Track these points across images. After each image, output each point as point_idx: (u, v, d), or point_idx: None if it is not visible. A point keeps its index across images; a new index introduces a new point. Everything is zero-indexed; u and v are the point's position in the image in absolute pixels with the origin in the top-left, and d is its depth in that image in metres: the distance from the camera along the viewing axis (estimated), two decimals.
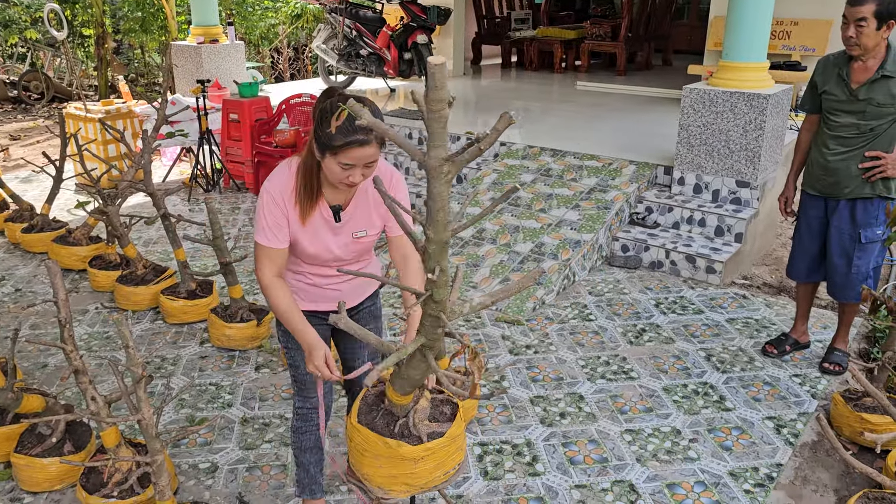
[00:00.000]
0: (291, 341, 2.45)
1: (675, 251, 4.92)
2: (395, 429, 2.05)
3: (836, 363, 3.72)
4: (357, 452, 2.08)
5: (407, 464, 2.02)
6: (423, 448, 2.02)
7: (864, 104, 3.33)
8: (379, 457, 2.03)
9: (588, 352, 3.98)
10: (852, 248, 3.52)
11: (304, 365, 2.45)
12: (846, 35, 3.26)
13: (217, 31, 8.45)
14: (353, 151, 2.04)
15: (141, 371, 2.33)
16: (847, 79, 3.37)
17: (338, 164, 2.08)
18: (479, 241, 5.07)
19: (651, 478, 3.00)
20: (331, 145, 2.05)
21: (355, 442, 2.08)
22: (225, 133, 6.87)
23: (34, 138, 9.45)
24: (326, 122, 2.03)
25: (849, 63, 3.38)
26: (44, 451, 2.92)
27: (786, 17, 7.04)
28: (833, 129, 3.46)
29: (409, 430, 2.06)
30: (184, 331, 4.24)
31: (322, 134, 2.06)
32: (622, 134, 6.44)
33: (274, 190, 2.20)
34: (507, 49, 10.91)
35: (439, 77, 1.30)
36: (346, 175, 2.10)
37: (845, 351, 3.77)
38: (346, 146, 2.04)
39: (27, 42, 12.14)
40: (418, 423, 2.06)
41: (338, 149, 2.04)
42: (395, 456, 2.01)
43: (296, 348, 2.44)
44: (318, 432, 2.56)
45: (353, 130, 2.02)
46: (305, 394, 2.52)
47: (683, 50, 11.34)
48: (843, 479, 3.01)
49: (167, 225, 4.18)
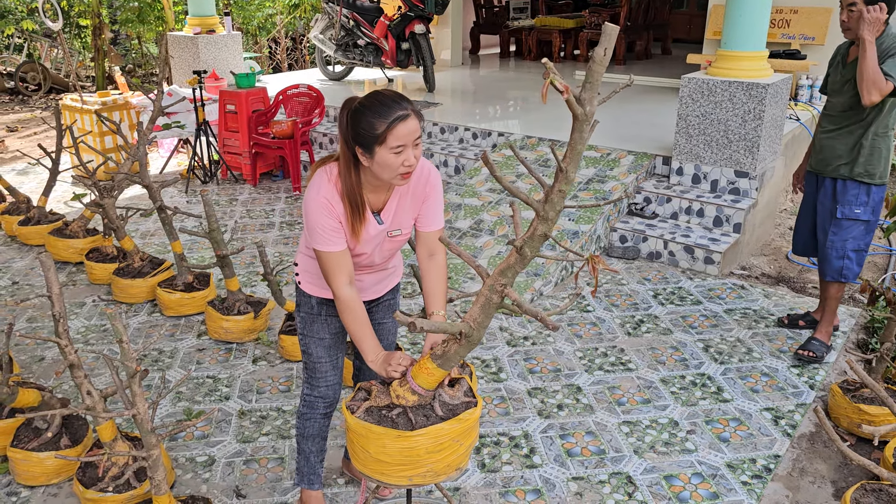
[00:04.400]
0: (308, 329, 2.47)
1: (674, 242, 4.90)
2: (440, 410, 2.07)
3: (811, 351, 3.76)
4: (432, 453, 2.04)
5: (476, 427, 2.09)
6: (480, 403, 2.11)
7: (849, 84, 3.51)
8: (458, 438, 2.04)
9: (586, 343, 3.98)
10: (829, 222, 3.71)
11: (316, 352, 2.49)
12: (841, 20, 3.47)
13: (214, 22, 8.40)
14: (399, 128, 2.03)
15: (135, 366, 2.32)
16: (843, 61, 3.60)
17: (390, 151, 2.05)
18: (477, 233, 5.06)
19: (648, 469, 3.00)
20: (375, 134, 2.04)
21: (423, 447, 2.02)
22: (222, 124, 6.85)
23: (31, 130, 9.42)
24: (362, 117, 2.04)
25: (849, 48, 3.61)
26: (40, 446, 2.92)
27: (785, 6, 7.00)
28: (827, 109, 3.71)
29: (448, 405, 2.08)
30: (181, 323, 4.24)
31: (362, 131, 2.06)
32: (620, 124, 6.41)
33: (324, 202, 2.17)
34: (506, 38, 10.86)
35: (609, 37, 1.49)
36: (401, 161, 2.07)
37: (824, 342, 3.80)
38: (391, 125, 2.03)
39: (24, 33, 12.08)
40: (453, 392, 2.11)
41: (385, 133, 2.03)
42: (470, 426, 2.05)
43: (311, 335, 2.47)
44: (322, 421, 2.59)
45: (393, 109, 2.03)
46: (314, 382, 2.54)
47: (683, 39, 11.30)
48: (840, 471, 3.01)
49: (163, 217, 4.17)
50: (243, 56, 9.02)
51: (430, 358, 2.02)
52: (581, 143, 1.63)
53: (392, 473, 2.05)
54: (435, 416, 2.06)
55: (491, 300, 1.89)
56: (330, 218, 2.17)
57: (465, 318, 1.96)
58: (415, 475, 2.04)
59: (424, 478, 2.05)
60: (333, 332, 2.49)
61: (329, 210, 2.16)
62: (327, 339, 2.49)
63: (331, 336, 2.48)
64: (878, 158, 3.53)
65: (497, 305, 1.90)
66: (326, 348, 2.50)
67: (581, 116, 1.59)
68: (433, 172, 2.31)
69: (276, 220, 5.92)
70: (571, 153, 1.64)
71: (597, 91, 1.57)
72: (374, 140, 2.05)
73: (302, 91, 6.92)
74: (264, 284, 4.66)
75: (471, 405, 2.11)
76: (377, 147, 2.06)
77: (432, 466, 2.04)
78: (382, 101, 2.05)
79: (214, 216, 3.79)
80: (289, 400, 3.48)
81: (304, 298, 2.48)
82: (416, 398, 2.06)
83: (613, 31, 1.48)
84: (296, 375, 3.69)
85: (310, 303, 2.46)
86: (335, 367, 2.54)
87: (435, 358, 2.01)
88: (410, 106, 2.07)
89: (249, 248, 5.24)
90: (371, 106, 2.05)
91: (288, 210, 6.17)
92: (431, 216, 2.34)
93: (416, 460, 2.02)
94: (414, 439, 1.99)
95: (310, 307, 2.46)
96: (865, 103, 3.32)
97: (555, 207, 1.72)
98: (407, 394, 2.07)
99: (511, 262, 1.82)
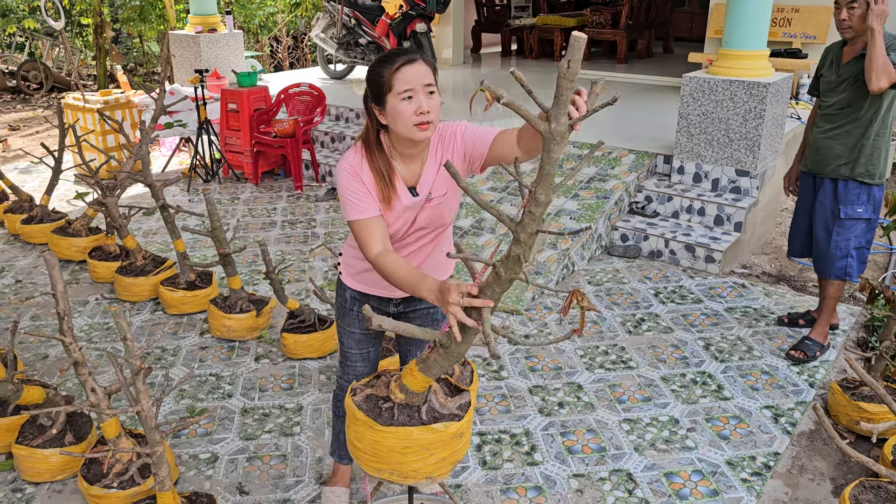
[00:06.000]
0: (342, 319, 2.53)
1: (675, 240, 4.91)
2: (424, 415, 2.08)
3: (803, 351, 3.78)
4: (397, 453, 2.05)
5: (454, 441, 2.06)
6: (466, 421, 2.07)
7: (847, 83, 3.53)
8: (428, 447, 2.04)
9: (587, 341, 3.99)
10: (832, 222, 3.71)
11: (347, 343, 2.55)
12: (839, 18, 3.47)
13: (215, 21, 8.41)
14: (405, 71, 2.02)
15: (139, 363, 2.34)
16: (837, 61, 3.61)
17: (400, 99, 2.02)
18: (479, 231, 5.07)
19: (649, 467, 3.01)
20: (382, 82, 2.04)
21: (388, 445, 2.03)
22: (224, 123, 6.86)
23: (33, 129, 9.44)
24: (373, 71, 2.07)
25: (842, 48, 3.62)
26: (45, 442, 2.94)
27: (787, 4, 7.00)
28: (822, 109, 3.71)
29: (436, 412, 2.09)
30: (183, 322, 4.25)
31: (373, 85, 2.07)
32: (622, 122, 6.42)
33: (348, 167, 2.15)
34: (507, 37, 10.87)
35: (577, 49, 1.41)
36: (414, 108, 2.02)
37: (818, 341, 3.81)
38: (397, 69, 2.02)
39: (25, 31, 12.09)
40: (444, 402, 2.10)
41: (391, 78, 2.02)
42: (443, 438, 2.04)
43: (343, 326, 2.53)
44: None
45: (398, 55, 2.04)
46: (346, 368, 2.61)
47: (685, 37, 11.29)
48: (839, 468, 3.03)
49: (166, 216, 4.19)
50: (245, 55, 9.04)
51: (416, 362, 2.03)
52: (550, 164, 1.52)
53: (364, 461, 2.09)
54: (418, 419, 2.06)
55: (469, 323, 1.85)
56: (355, 181, 2.13)
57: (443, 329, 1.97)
58: (383, 470, 2.07)
59: (391, 475, 2.07)
60: (362, 328, 2.51)
61: (354, 174, 2.14)
62: (357, 333, 2.53)
63: (361, 331, 2.52)
64: (879, 158, 3.55)
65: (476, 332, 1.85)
66: (357, 341, 2.55)
67: (547, 134, 1.50)
68: (459, 125, 2.22)
69: (278, 219, 5.94)
70: (540, 175, 1.54)
71: (565, 108, 1.48)
72: (383, 89, 2.04)
73: (303, 90, 6.93)
74: (266, 283, 4.68)
75: (455, 419, 2.06)
76: (388, 97, 2.04)
77: (398, 467, 2.04)
78: (391, 53, 2.07)
79: (217, 215, 3.81)
80: (291, 398, 3.50)
81: (341, 290, 2.51)
82: (405, 397, 2.07)
83: (581, 40, 1.40)
84: (298, 374, 3.71)
85: (344, 295, 2.49)
86: (365, 360, 2.59)
87: (419, 362, 2.02)
88: (420, 55, 2.06)
89: (251, 247, 5.26)
90: (381, 59, 2.08)
91: (290, 209, 6.18)
92: (481, 133, 2.16)
93: (382, 456, 2.04)
94: (381, 434, 2.00)
95: (343, 300, 2.50)
96: (873, 90, 3.33)
97: (525, 230, 1.63)
98: (397, 391, 2.08)
99: (489, 281, 1.82)
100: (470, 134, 2.18)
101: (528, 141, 2.02)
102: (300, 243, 5.42)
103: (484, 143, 2.14)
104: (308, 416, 3.37)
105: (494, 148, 2.12)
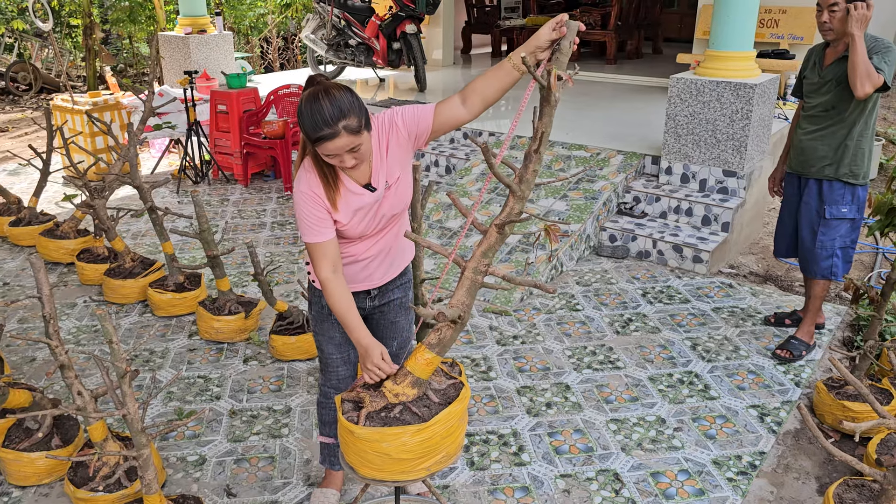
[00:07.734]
0: (319, 327, 2.54)
1: (663, 241, 4.94)
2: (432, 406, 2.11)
3: (789, 350, 3.81)
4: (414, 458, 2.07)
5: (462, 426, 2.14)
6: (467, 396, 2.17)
7: (830, 85, 3.55)
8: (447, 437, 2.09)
9: (575, 342, 4.01)
10: (817, 222, 3.73)
11: (327, 349, 2.57)
12: (820, 21, 3.49)
13: (205, 22, 8.40)
14: (325, 145, 2.05)
15: (126, 366, 2.34)
16: (819, 63, 3.63)
17: (322, 154, 2.10)
18: (468, 232, 5.08)
19: (636, 466, 3.03)
20: (309, 138, 2.08)
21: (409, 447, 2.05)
22: (213, 124, 6.85)
23: (22, 130, 9.39)
24: (300, 117, 2.07)
25: (825, 50, 3.64)
26: (31, 446, 2.93)
27: (773, 6, 7.05)
28: (806, 111, 3.73)
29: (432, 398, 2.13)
30: (172, 324, 4.25)
31: (301, 127, 2.09)
32: (610, 123, 6.44)
33: (304, 187, 2.20)
34: (497, 38, 10.87)
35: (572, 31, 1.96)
36: (338, 162, 2.11)
37: (804, 340, 3.84)
38: (317, 142, 2.06)
39: (14, 32, 12.03)
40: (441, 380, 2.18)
41: (314, 143, 2.07)
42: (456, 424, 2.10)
43: (322, 333, 2.54)
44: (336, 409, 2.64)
45: (319, 126, 2.02)
46: (327, 375, 2.64)
47: (674, 38, 11.33)
48: (824, 467, 3.05)
49: (154, 218, 4.18)
50: (234, 56, 9.02)
51: (426, 347, 2.07)
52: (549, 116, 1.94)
53: (412, 469, 2.09)
54: (434, 403, 2.12)
55: (476, 282, 1.94)
56: (313, 207, 2.19)
57: (451, 303, 2.00)
58: (432, 464, 2.10)
59: (440, 463, 2.12)
60: (342, 331, 2.52)
61: (313, 199, 2.19)
62: (337, 338, 2.54)
63: (340, 334, 2.53)
64: (863, 159, 3.57)
65: (480, 285, 1.94)
66: (336, 346, 2.56)
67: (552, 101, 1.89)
68: (394, 111, 2.24)
69: (268, 221, 5.93)
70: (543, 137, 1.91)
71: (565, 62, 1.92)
72: (310, 140, 2.08)
73: (293, 91, 6.93)
74: (255, 285, 4.67)
75: (458, 386, 2.18)
76: (312, 145, 2.11)
77: (446, 450, 2.12)
78: (314, 113, 2.02)
79: (205, 216, 3.81)
80: (280, 399, 3.50)
81: (315, 297, 2.52)
82: (416, 391, 2.10)
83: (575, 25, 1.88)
84: (286, 375, 3.71)
85: (320, 302, 2.50)
86: (346, 363, 2.61)
87: (431, 347, 2.06)
88: (343, 123, 2.02)
89: (240, 249, 5.25)
90: (306, 113, 2.04)
91: (279, 210, 6.18)
92: (421, 110, 2.22)
93: (433, 448, 2.08)
94: (431, 429, 2.05)
95: (320, 307, 2.51)
96: (859, 96, 3.34)
97: (529, 185, 1.88)
98: (407, 389, 2.10)
99: (491, 241, 1.87)
100: (409, 115, 2.23)
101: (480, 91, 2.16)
102: (289, 245, 5.42)
103: (427, 118, 2.22)
104: (296, 417, 3.37)
105: (437, 118, 2.22)
